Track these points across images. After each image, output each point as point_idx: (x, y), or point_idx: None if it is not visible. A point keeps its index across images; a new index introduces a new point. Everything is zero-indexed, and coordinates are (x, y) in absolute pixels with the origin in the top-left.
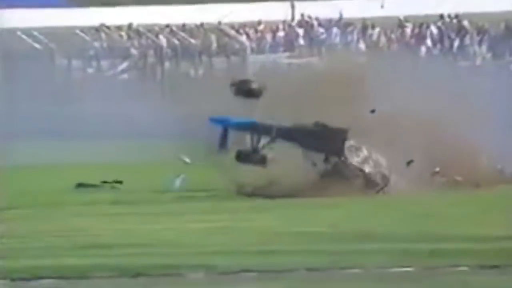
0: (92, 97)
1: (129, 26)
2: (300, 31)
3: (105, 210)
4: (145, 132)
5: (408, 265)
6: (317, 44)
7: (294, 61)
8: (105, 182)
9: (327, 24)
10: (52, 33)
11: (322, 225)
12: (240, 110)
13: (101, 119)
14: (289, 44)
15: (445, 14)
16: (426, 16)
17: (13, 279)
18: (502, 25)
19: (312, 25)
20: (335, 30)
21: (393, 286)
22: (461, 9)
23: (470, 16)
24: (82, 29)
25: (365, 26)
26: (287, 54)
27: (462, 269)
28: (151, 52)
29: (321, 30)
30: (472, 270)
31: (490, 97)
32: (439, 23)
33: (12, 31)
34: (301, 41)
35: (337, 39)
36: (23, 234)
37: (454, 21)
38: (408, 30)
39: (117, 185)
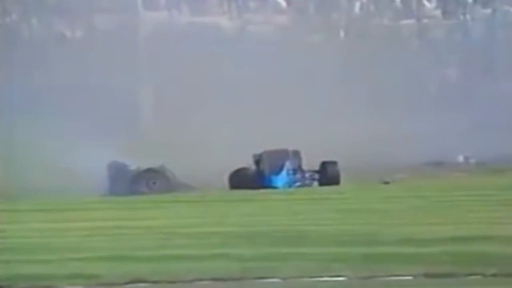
0: None
1: None
2: None
3: None
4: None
5: (340, 274)
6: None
7: (196, 19)
8: None
9: None
10: None
11: (232, 224)
12: (126, 79)
13: None
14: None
15: None
16: None
17: None
18: None
19: None
20: None
21: None
22: None
23: None
24: None
25: None
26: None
27: (406, 279)
28: (16, 6)
29: None
30: (417, 279)
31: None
32: None
33: None
34: None
35: None
36: None
37: None
38: None
39: None
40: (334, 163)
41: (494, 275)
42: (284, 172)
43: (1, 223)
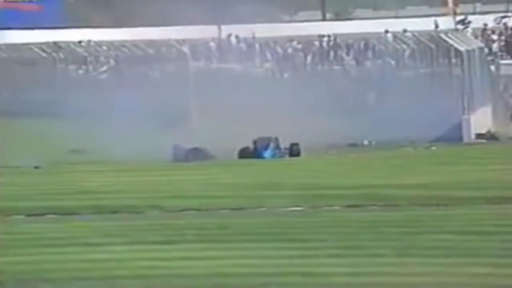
0: (82, 89)
1: (108, 41)
2: (228, 47)
3: (89, 168)
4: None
5: (299, 205)
6: (239, 54)
7: (222, 66)
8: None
9: (246, 41)
10: (54, 46)
11: (240, 178)
12: (181, 99)
13: (86, 105)
14: (220, 54)
15: (325, 34)
16: (312, 36)
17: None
18: (362, 42)
19: (237, 42)
20: (251, 46)
21: (290, 219)
22: (336, 31)
23: (341, 36)
24: (75, 43)
25: (268, 43)
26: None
27: (336, 208)
28: (122, 58)
29: (242, 45)
30: (342, 208)
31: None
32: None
33: (26, 45)
34: (228, 53)
35: (253, 53)
36: (26, 184)
37: (331, 39)
38: (299, 46)
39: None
40: (297, 144)
41: (385, 205)
42: (269, 149)
43: (101, 177)
